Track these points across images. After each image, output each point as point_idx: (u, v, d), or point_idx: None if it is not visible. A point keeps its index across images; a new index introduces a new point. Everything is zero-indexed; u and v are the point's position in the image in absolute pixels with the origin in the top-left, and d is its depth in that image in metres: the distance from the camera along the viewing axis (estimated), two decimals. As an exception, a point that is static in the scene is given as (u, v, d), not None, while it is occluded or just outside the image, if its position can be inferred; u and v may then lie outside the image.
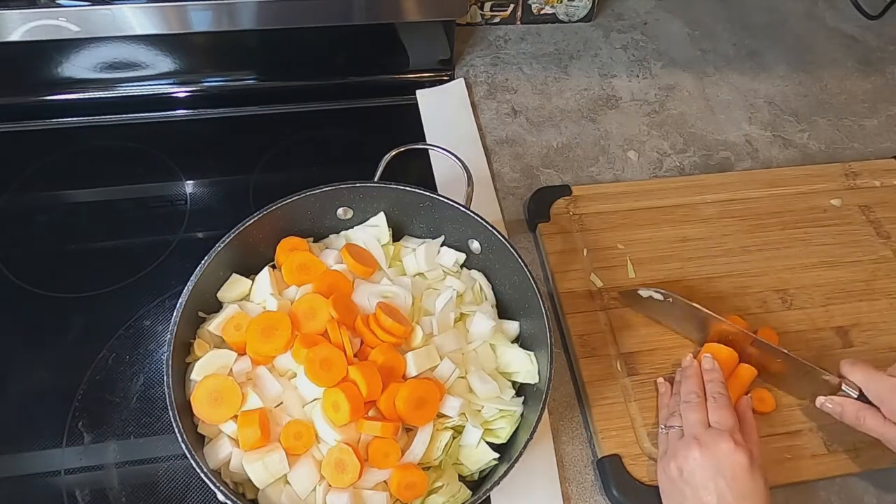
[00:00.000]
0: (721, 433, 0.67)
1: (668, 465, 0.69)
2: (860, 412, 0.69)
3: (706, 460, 0.66)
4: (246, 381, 0.67)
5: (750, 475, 0.65)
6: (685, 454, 0.67)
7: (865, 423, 0.69)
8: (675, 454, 0.69)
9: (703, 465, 0.66)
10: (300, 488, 0.64)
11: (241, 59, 1.03)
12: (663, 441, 0.73)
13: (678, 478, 0.67)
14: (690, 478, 0.66)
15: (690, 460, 0.67)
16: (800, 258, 0.91)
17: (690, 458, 0.67)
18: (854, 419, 0.69)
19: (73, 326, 0.82)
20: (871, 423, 0.68)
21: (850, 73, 1.18)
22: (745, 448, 0.66)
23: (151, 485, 0.72)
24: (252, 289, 0.74)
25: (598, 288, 0.86)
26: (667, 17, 1.23)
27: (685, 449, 0.68)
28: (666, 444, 0.72)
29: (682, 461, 0.67)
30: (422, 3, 0.96)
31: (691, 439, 0.68)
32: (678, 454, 0.68)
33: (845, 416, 0.70)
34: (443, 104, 1.05)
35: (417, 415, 0.66)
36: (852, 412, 0.70)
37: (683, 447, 0.68)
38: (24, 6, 0.85)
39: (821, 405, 0.72)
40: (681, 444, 0.69)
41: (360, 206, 0.80)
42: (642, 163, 1.03)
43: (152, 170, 0.96)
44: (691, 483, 0.66)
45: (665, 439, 0.72)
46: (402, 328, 0.69)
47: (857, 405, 0.69)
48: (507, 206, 0.96)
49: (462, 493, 0.67)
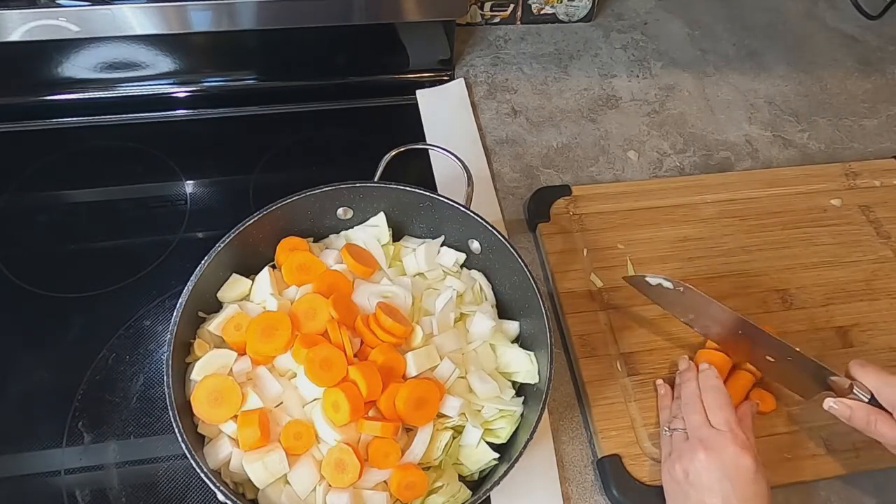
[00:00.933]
0: (726, 435, 0.67)
1: (672, 468, 0.69)
2: (871, 417, 0.67)
3: (712, 463, 0.65)
4: (246, 381, 0.67)
5: (755, 478, 0.65)
6: (691, 457, 0.67)
7: (877, 428, 0.66)
8: (680, 456, 0.68)
9: (708, 467, 0.65)
10: (300, 488, 0.64)
11: (241, 59, 1.03)
12: (667, 443, 0.72)
13: (683, 480, 0.67)
14: (696, 480, 0.66)
15: (696, 463, 0.66)
16: (800, 258, 0.91)
17: (696, 461, 0.66)
18: (864, 424, 0.67)
19: (73, 326, 0.82)
20: (882, 428, 0.66)
21: (850, 73, 1.18)
22: (751, 451, 0.66)
23: (151, 485, 0.72)
24: (252, 289, 0.74)
25: (598, 288, 0.86)
26: (667, 17, 1.23)
27: (690, 451, 0.67)
28: (670, 446, 0.71)
29: (688, 463, 0.67)
30: (422, 3, 0.96)
31: (696, 442, 0.68)
32: (683, 456, 0.68)
33: (854, 420, 0.68)
34: (443, 104, 1.05)
35: (417, 415, 0.66)
36: (863, 416, 0.67)
37: (689, 450, 0.68)
38: (24, 6, 0.85)
39: (829, 407, 0.70)
40: (686, 446, 0.69)
41: (360, 206, 0.80)
42: (642, 163, 1.03)
43: (152, 170, 0.96)
44: (696, 485, 0.66)
45: (669, 442, 0.72)
46: (402, 328, 0.69)
47: (869, 409, 0.67)
48: (507, 206, 0.96)
49: (462, 493, 0.67)
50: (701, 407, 0.71)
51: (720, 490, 0.64)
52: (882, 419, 0.66)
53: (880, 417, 0.66)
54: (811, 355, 0.70)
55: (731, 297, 0.86)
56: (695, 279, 0.87)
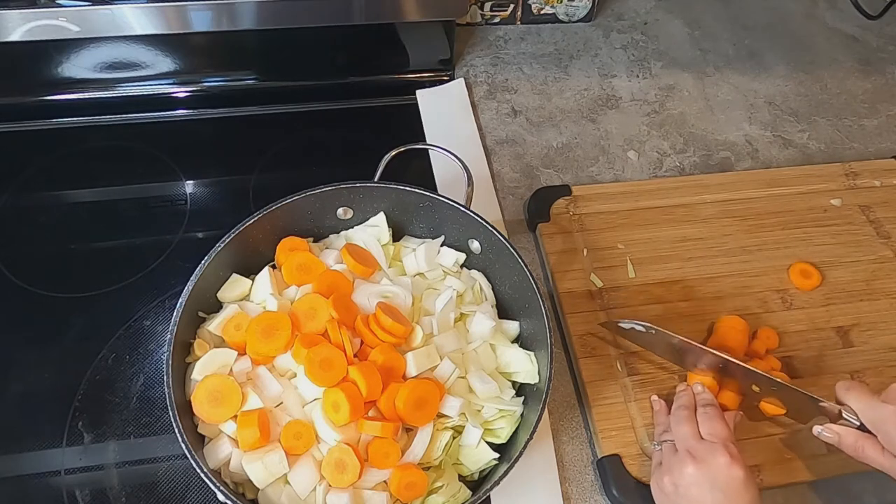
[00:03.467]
0: (715, 446, 0.66)
1: (661, 480, 0.68)
2: (859, 442, 0.66)
3: (701, 475, 0.65)
4: (246, 381, 0.67)
5: (745, 489, 0.64)
6: (680, 469, 0.66)
7: (865, 453, 0.65)
8: (669, 469, 0.67)
9: (698, 480, 0.65)
10: (300, 488, 0.64)
11: (241, 59, 1.03)
12: (657, 456, 0.72)
13: (673, 492, 0.66)
14: (686, 492, 0.65)
15: (686, 476, 0.65)
16: (800, 258, 0.91)
17: (686, 474, 0.65)
18: (853, 449, 0.67)
19: (73, 326, 0.82)
20: (870, 453, 0.65)
21: (850, 73, 1.18)
22: (740, 462, 0.65)
23: (151, 485, 0.72)
24: (252, 289, 0.74)
25: (598, 288, 0.86)
26: (667, 17, 1.23)
27: (679, 464, 0.66)
28: (660, 458, 0.71)
29: (678, 476, 0.66)
30: (422, 3, 0.96)
31: (685, 453, 0.67)
32: (672, 469, 0.67)
33: (843, 446, 0.67)
34: (443, 104, 1.05)
35: (417, 415, 0.66)
36: (850, 442, 0.67)
37: (678, 462, 0.67)
38: (24, 6, 0.85)
39: (818, 434, 0.69)
40: (675, 458, 0.68)
41: (360, 206, 0.80)
42: (642, 163, 1.03)
43: (152, 170, 0.96)
44: (687, 497, 0.65)
45: (658, 454, 0.72)
46: (402, 328, 0.69)
47: (856, 434, 0.66)
48: (507, 206, 0.96)
49: (462, 493, 0.67)
50: (693, 419, 0.70)
51: (711, 501, 0.64)
52: (869, 444, 0.65)
53: (867, 442, 0.65)
54: (811, 356, 0.70)
55: (731, 297, 0.86)
56: (695, 279, 0.87)
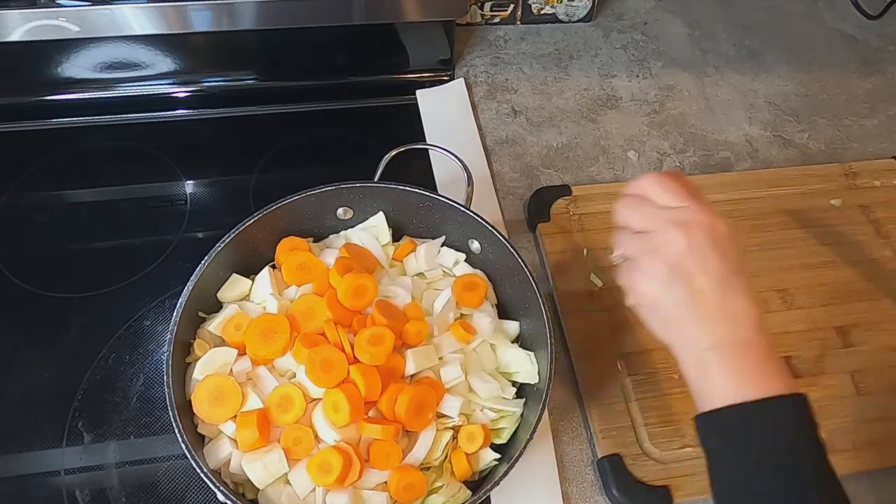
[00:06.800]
0: (687, 208, 0.54)
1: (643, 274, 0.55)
2: None
3: (692, 240, 0.53)
4: (246, 381, 0.67)
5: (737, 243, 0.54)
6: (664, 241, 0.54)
7: None
8: (656, 249, 0.54)
9: (690, 245, 0.53)
10: (300, 488, 0.64)
11: (241, 59, 1.03)
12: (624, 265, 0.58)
13: (666, 276, 0.53)
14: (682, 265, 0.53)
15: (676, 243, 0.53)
16: (800, 258, 0.91)
17: (675, 242, 0.53)
18: None
19: (73, 326, 0.82)
20: None
21: (850, 73, 1.18)
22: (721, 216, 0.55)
23: (151, 485, 0.72)
24: (252, 289, 0.74)
25: (598, 288, 0.86)
26: (667, 17, 1.23)
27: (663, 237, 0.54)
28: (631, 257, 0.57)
29: (666, 251, 0.53)
30: (422, 3, 0.96)
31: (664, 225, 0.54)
32: (660, 249, 0.54)
33: None
34: (443, 104, 1.05)
35: (417, 420, 0.66)
36: None
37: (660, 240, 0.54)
38: (24, 6, 0.85)
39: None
40: (652, 239, 0.55)
41: (360, 206, 0.80)
42: (642, 163, 1.03)
43: (152, 170, 0.96)
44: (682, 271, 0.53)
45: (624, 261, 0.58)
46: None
47: None
48: (507, 206, 0.96)
49: (462, 493, 0.67)
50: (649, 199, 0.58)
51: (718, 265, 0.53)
52: None
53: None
54: (812, 356, 0.70)
55: (731, 297, 0.86)
56: (695, 279, 0.87)
